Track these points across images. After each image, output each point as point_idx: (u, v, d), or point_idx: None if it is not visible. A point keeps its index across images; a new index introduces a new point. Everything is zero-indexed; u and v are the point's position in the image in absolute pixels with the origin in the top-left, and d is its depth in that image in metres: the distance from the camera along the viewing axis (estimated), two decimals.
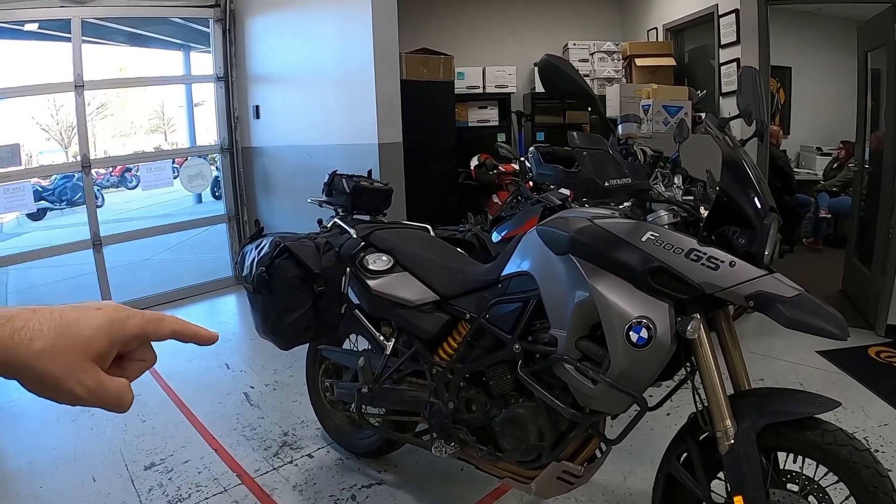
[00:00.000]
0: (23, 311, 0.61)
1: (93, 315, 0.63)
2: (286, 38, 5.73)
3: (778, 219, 1.70)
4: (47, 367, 0.60)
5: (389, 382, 2.58)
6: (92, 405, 0.64)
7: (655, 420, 3.07)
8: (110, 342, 0.64)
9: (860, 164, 5.42)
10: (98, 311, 0.64)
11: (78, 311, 0.63)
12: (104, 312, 0.64)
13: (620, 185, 1.74)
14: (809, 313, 1.57)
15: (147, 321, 0.67)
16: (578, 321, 1.88)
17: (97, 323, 0.63)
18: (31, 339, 0.59)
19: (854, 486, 1.63)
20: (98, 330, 0.63)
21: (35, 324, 0.60)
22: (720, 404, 1.75)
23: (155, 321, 0.68)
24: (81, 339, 0.62)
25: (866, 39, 5.21)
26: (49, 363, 0.60)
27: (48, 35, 6.93)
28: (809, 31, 8.72)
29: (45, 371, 0.60)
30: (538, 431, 2.09)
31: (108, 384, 0.64)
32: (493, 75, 7.04)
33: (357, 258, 2.60)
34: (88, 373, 0.62)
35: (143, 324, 0.67)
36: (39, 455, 3.32)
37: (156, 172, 6.29)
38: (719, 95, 5.77)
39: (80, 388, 0.62)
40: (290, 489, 2.91)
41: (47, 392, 0.62)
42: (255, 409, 3.74)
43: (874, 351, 4.19)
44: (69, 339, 0.61)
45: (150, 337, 0.69)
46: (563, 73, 1.75)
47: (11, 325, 0.59)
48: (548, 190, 3.96)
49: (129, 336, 0.66)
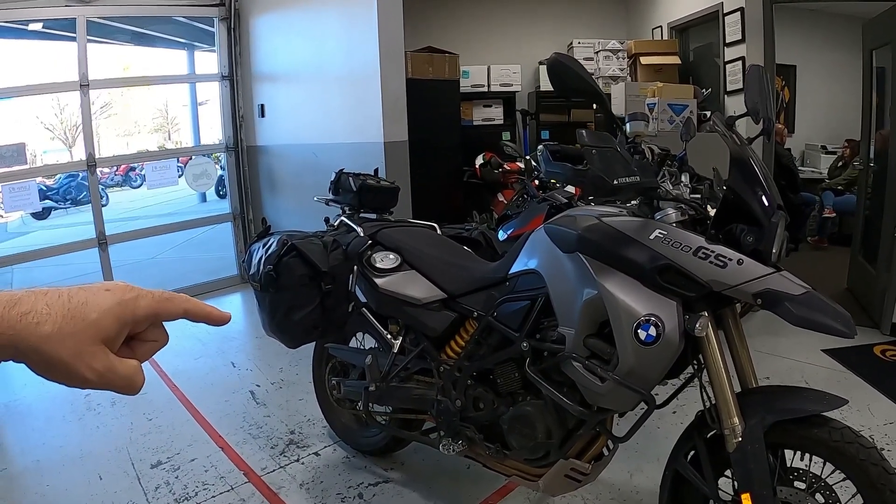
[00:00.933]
0: (29, 293, 0.60)
1: (101, 296, 0.62)
2: (291, 36, 5.74)
3: (785, 217, 1.70)
4: (56, 350, 0.58)
5: (397, 380, 2.59)
6: (102, 388, 0.62)
7: (662, 418, 3.07)
8: (119, 324, 0.63)
9: (865, 163, 5.41)
10: (107, 292, 0.63)
11: (86, 293, 0.62)
12: (113, 294, 0.63)
13: (629, 183, 1.75)
14: (817, 311, 1.57)
15: (158, 301, 0.66)
16: (586, 319, 1.88)
17: (106, 305, 0.62)
18: (38, 323, 0.58)
19: (861, 484, 1.63)
20: (107, 312, 0.61)
21: (42, 307, 0.59)
22: (728, 402, 1.75)
23: (165, 301, 0.66)
24: (90, 321, 0.60)
25: (871, 37, 5.20)
26: (57, 347, 0.58)
27: (53, 34, 6.94)
28: (814, 30, 8.71)
29: (54, 355, 0.59)
30: (546, 429, 2.10)
31: (118, 367, 0.62)
32: (498, 74, 7.03)
33: (364, 256, 2.61)
34: (98, 356, 0.61)
35: (153, 304, 0.65)
36: (46, 453, 3.33)
37: (161, 171, 6.31)
38: (724, 94, 5.77)
39: (89, 372, 0.60)
40: (296, 487, 2.92)
41: (56, 376, 0.60)
42: (262, 408, 3.75)
43: (879, 349, 4.19)
44: (77, 322, 0.60)
45: (161, 317, 0.67)
46: (571, 71, 1.76)
47: (18, 308, 0.58)
48: (553, 188, 3.96)
49: (140, 317, 0.64)
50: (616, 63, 7.07)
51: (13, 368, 4.55)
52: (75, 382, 0.61)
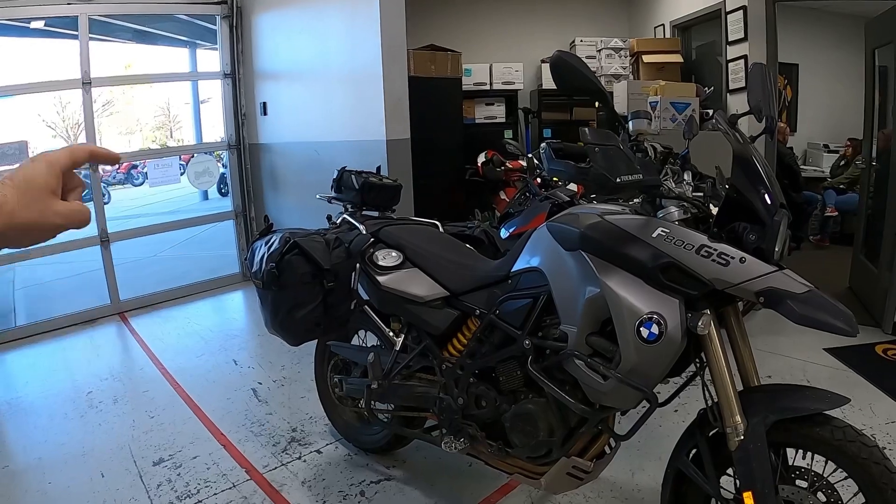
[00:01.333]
0: None
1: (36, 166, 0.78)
2: (293, 34, 5.74)
3: (788, 215, 1.70)
4: (26, 216, 0.75)
5: (399, 378, 2.59)
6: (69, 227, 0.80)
7: (664, 417, 3.07)
8: (56, 177, 0.79)
9: (867, 162, 5.40)
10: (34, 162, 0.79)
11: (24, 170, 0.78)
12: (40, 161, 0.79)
13: (632, 181, 1.75)
14: (819, 310, 1.57)
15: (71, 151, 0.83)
16: (589, 317, 1.88)
17: (42, 168, 0.78)
18: (3, 204, 0.73)
19: (863, 483, 1.63)
20: (45, 173, 0.78)
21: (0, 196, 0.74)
22: (730, 400, 1.75)
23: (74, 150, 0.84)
24: (38, 184, 0.77)
25: (874, 36, 5.19)
26: (27, 213, 0.75)
27: (55, 32, 6.94)
28: (817, 28, 8.70)
29: (27, 220, 0.75)
30: (548, 427, 2.10)
31: (72, 206, 0.80)
32: (501, 72, 7.03)
33: (367, 254, 2.61)
34: (56, 204, 0.78)
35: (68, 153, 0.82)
36: (48, 450, 3.34)
37: (163, 169, 6.32)
38: (726, 92, 5.77)
39: (57, 218, 0.78)
40: (298, 485, 2.92)
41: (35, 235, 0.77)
42: (264, 405, 3.75)
43: (881, 348, 4.18)
44: (30, 189, 0.76)
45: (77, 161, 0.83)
46: (574, 69, 1.76)
47: None
48: (556, 186, 3.96)
49: (66, 165, 0.81)
50: (618, 61, 7.07)
51: (15, 367, 4.57)
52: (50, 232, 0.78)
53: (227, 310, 6.15)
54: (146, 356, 4.67)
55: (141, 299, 6.01)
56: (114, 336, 5.30)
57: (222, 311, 6.09)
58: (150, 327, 5.35)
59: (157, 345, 4.87)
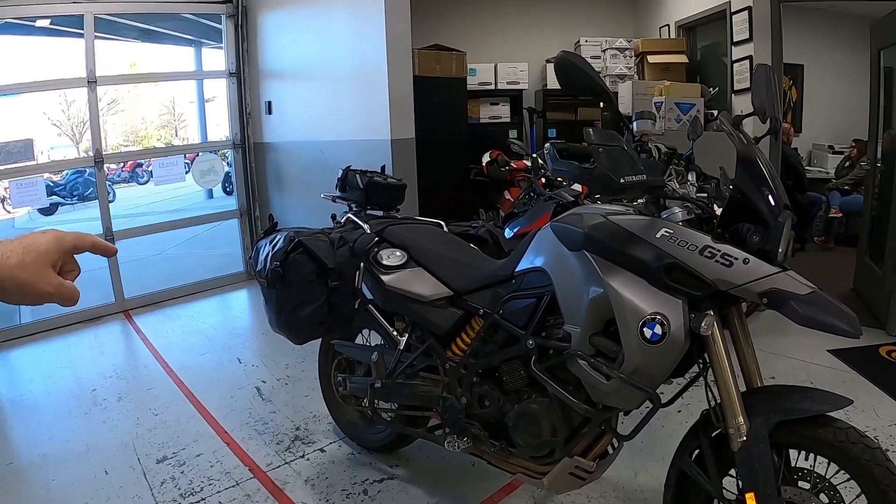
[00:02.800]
0: None
1: (43, 236, 0.87)
2: (298, 33, 5.75)
3: (792, 216, 1.70)
4: (24, 276, 0.83)
5: (402, 377, 2.60)
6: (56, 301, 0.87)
7: (667, 417, 3.07)
8: (59, 252, 0.88)
9: (872, 163, 5.39)
10: (43, 233, 0.88)
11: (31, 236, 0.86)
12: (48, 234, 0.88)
13: (636, 181, 1.75)
14: (823, 311, 1.57)
15: (76, 235, 0.91)
16: (592, 317, 1.88)
17: (48, 239, 0.87)
18: (7, 258, 0.82)
19: (865, 484, 1.63)
20: (50, 244, 0.87)
21: (6, 249, 0.83)
22: (733, 401, 1.75)
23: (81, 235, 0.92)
24: (41, 251, 0.85)
25: (879, 37, 5.18)
26: (25, 273, 0.83)
27: (60, 31, 6.96)
28: (822, 29, 8.68)
29: (23, 279, 0.83)
30: (551, 427, 2.10)
31: (65, 283, 0.88)
32: (505, 72, 7.02)
33: (371, 253, 2.61)
34: (51, 276, 0.86)
35: (75, 238, 0.90)
36: (52, 448, 3.35)
37: (168, 167, 6.33)
38: (731, 93, 5.75)
39: (49, 287, 0.86)
40: (301, 483, 2.93)
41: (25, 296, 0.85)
42: (267, 404, 3.76)
43: (885, 350, 4.17)
44: (33, 253, 0.84)
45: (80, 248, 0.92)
46: (579, 69, 1.76)
47: None
48: (560, 186, 3.96)
49: (70, 246, 0.90)
50: (623, 61, 7.06)
51: (20, 364, 4.58)
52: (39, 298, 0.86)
53: (231, 308, 6.17)
54: (150, 354, 4.68)
55: (145, 297, 6.03)
56: (118, 334, 5.32)
57: (226, 310, 6.10)
58: (154, 325, 5.37)
59: (161, 343, 4.88)
